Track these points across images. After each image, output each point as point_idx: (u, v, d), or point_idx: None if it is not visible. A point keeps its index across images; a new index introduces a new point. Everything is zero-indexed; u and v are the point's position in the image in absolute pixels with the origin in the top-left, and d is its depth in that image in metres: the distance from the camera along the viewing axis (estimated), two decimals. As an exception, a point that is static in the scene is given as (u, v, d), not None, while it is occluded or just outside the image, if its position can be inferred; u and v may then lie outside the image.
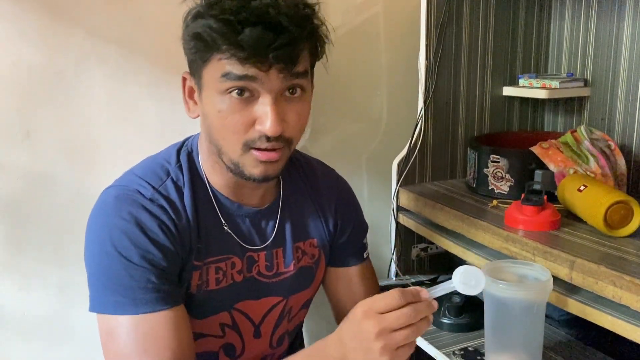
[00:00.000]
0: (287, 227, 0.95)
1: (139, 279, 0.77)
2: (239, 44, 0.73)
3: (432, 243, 1.37)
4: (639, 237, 0.95)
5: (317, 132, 1.46)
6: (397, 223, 1.35)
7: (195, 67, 0.81)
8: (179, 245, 0.82)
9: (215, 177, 0.89)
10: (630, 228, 0.96)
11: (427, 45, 1.30)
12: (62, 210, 1.23)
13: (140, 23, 1.24)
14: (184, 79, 0.86)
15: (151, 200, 0.82)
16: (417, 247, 1.40)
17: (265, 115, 0.77)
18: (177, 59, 1.28)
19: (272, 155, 0.80)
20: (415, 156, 1.35)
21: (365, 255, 1.06)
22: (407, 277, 1.36)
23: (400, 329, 0.70)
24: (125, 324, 0.76)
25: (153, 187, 0.83)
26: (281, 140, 0.80)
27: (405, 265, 1.40)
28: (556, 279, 0.90)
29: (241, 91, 0.77)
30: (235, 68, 0.76)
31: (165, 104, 1.28)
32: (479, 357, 1.00)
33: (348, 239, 1.03)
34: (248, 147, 0.80)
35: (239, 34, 0.73)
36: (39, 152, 1.20)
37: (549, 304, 0.95)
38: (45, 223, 1.23)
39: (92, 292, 0.80)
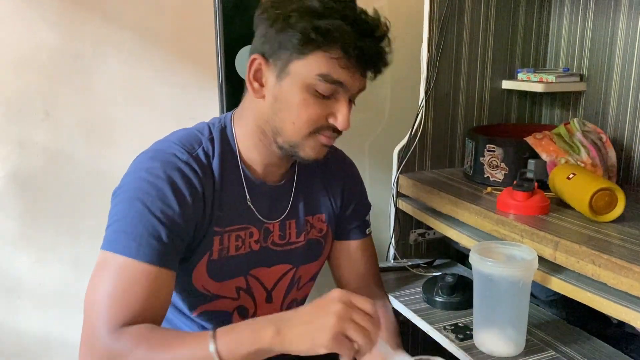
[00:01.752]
0: (300, 202, 1.03)
1: (151, 229, 0.83)
2: (360, 50, 0.85)
3: (430, 229, 1.43)
4: (622, 222, 1.01)
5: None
6: (397, 208, 1.41)
7: (283, 55, 0.87)
8: (201, 208, 0.89)
9: (251, 153, 0.96)
10: (614, 214, 1.01)
11: (429, 39, 1.36)
12: (78, 186, 1.30)
13: (155, 9, 1.31)
14: (253, 60, 0.91)
15: (186, 163, 0.89)
16: (415, 232, 1.45)
17: (340, 114, 0.90)
18: (188, 45, 1.35)
19: (332, 141, 0.94)
20: (416, 145, 1.41)
21: (367, 232, 1.13)
22: (404, 260, 1.42)
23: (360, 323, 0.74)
24: (118, 263, 0.82)
25: (188, 153, 0.90)
26: (339, 132, 0.93)
27: (404, 249, 1.46)
28: (541, 259, 0.96)
29: (326, 95, 0.88)
30: (335, 71, 0.86)
31: (177, 87, 1.35)
32: (467, 332, 1.05)
33: (352, 213, 1.10)
34: (317, 131, 0.90)
35: (361, 41, 0.85)
36: (58, 131, 1.27)
37: (536, 285, 1.01)
38: (62, 199, 1.30)
39: (106, 234, 0.86)
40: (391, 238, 1.44)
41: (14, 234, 1.27)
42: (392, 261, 1.45)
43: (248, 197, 0.96)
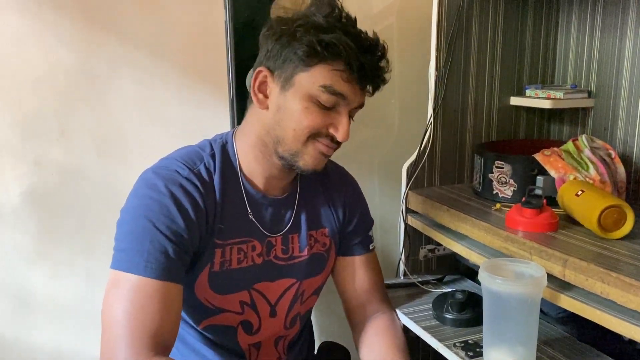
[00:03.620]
0: (302, 216, 1.04)
1: (158, 245, 0.86)
2: (362, 64, 0.90)
3: (440, 245, 1.43)
4: (631, 240, 1.01)
5: (332, 136, 1.54)
6: (406, 224, 1.41)
7: (288, 67, 0.91)
8: (204, 222, 0.91)
9: (251, 166, 0.99)
10: (623, 231, 1.01)
11: (437, 56, 1.37)
12: (92, 203, 1.32)
13: (168, 30, 1.34)
14: (259, 73, 0.95)
15: (187, 178, 0.92)
16: (425, 248, 1.46)
17: (340, 125, 0.94)
18: (201, 64, 1.38)
19: (331, 151, 0.97)
20: (425, 161, 1.42)
21: (370, 247, 1.15)
22: (414, 276, 1.43)
23: None
24: (129, 281, 0.84)
25: (189, 169, 0.93)
26: (337, 143, 0.96)
27: (413, 265, 1.46)
28: (550, 276, 0.96)
29: (328, 106, 0.92)
30: (337, 84, 0.90)
31: (189, 106, 1.37)
32: (477, 349, 1.06)
33: (355, 228, 1.11)
34: (314, 137, 0.93)
35: (363, 56, 0.90)
36: (72, 149, 1.30)
37: (546, 302, 1.01)
38: (76, 215, 1.32)
39: (114, 253, 0.89)
40: (401, 254, 1.44)
41: (29, 249, 1.29)
42: (402, 277, 1.45)
43: (249, 210, 0.98)
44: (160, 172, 0.93)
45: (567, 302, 0.94)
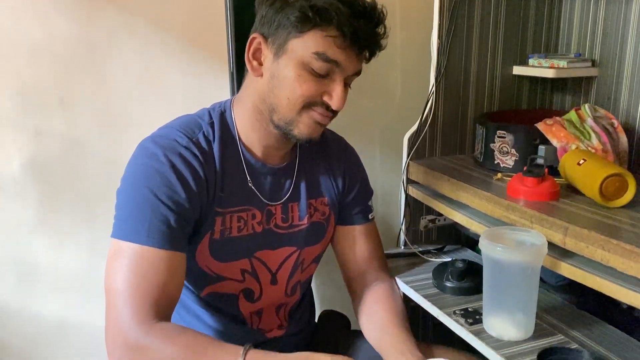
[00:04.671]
0: (302, 185, 1.04)
1: (159, 215, 0.86)
2: (355, 30, 0.87)
3: (440, 215, 1.44)
4: (632, 208, 1.01)
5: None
6: (407, 195, 1.42)
7: (281, 34, 0.90)
8: (204, 191, 0.92)
9: (249, 135, 0.98)
10: (624, 199, 1.01)
11: (439, 25, 1.35)
12: (93, 173, 1.32)
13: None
14: (253, 40, 0.93)
15: (186, 147, 0.91)
16: (425, 218, 1.46)
17: (335, 93, 0.91)
18: (200, 34, 1.36)
19: (326, 120, 0.95)
20: (426, 131, 1.41)
21: (370, 217, 1.15)
22: (415, 246, 1.43)
23: None
24: (131, 250, 0.85)
25: (188, 138, 0.93)
26: (333, 112, 0.94)
27: (414, 235, 1.47)
28: (551, 244, 0.96)
29: (322, 74, 0.90)
30: (331, 50, 0.88)
31: (189, 76, 1.36)
32: (477, 317, 1.07)
33: (354, 198, 1.12)
34: (309, 106, 0.92)
35: (356, 22, 0.87)
36: (74, 119, 1.29)
37: (546, 270, 1.02)
38: (78, 185, 1.32)
39: (115, 222, 0.89)
40: (401, 224, 1.45)
41: (31, 220, 1.30)
42: (403, 247, 1.46)
43: (249, 178, 0.98)
44: (159, 141, 0.92)
45: (568, 270, 0.95)
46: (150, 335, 0.81)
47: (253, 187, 0.99)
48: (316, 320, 1.25)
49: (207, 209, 0.94)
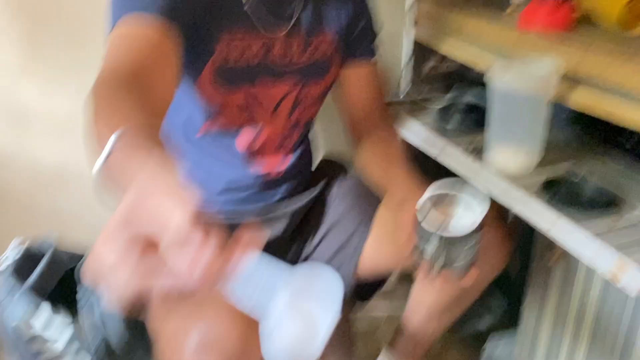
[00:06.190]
0: (305, 19, 0.98)
1: None
2: None
3: (445, 59, 1.38)
4: (652, 36, 0.96)
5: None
6: (410, 37, 1.34)
7: None
8: (200, 7, 0.85)
9: None
10: (645, 27, 0.96)
11: None
12: (78, 13, 1.24)
13: None
14: None
15: None
16: (429, 62, 1.40)
17: None
18: None
19: None
20: (433, -34, 1.31)
21: (374, 59, 1.10)
22: (417, 92, 1.39)
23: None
24: (124, 24, 0.76)
25: None
26: None
27: (416, 81, 1.42)
28: (564, 74, 0.92)
29: None
30: None
31: None
32: (479, 153, 1.05)
33: (359, 37, 1.06)
34: None
35: None
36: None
37: (554, 105, 0.98)
38: (61, 26, 1.24)
39: (110, 16, 0.80)
40: (402, 69, 1.39)
41: (16, 62, 1.23)
42: (404, 94, 1.41)
43: (243, 1, 0.91)
44: None
45: (579, 99, 0.91)
46: (95, 88, 0.67)
47: (249, 13, 0.92)
48: (315, 166, 1.24)
49: (203, 32, 0.87)
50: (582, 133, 1.11)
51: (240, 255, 0.41)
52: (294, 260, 1.12)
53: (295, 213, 1.09)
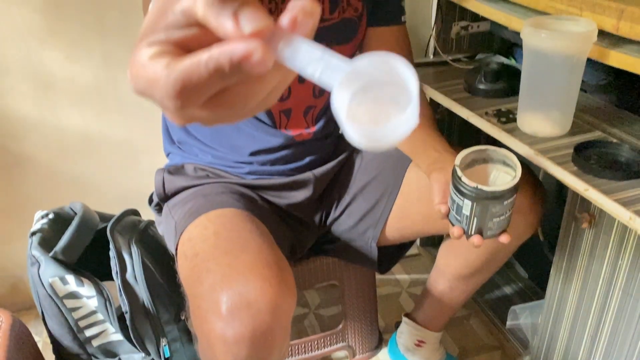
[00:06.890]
0: None
1: None
2: None
3: (474, 20, 1.33)
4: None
5: None
6: (439, -3, 1.30)
7: None
8: None
9: None
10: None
11: None
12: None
13: None
14: None
15: None
16: (457, 24, 1.36)
17: None
18: None
19: None
20: None
21: (402, 20, 1.06)
22: (445, 55, 1.35)
23: None
24: None
25: None
26: None
27: (444, 44, 1.38)
28: (602, 32, 0.88)
29: None
30: None
31: None
32: (511, 116, 1.02)
33: None
34: None
35: None
36: None
37: (588, 69, 0.94)
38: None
39: None
40: (432, 31, 1.35)
41: (40, 26, 1.23)
42: (432, 56, 1.38)
43: None
44: None
45: (618, 59, 0.87)
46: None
47: None
48: (341, 131, 1.23)
49: None
50: (616, 97, 1.08)
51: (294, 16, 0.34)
52: (320, 224, 1.12)
53: (323, 176, 1.08)
